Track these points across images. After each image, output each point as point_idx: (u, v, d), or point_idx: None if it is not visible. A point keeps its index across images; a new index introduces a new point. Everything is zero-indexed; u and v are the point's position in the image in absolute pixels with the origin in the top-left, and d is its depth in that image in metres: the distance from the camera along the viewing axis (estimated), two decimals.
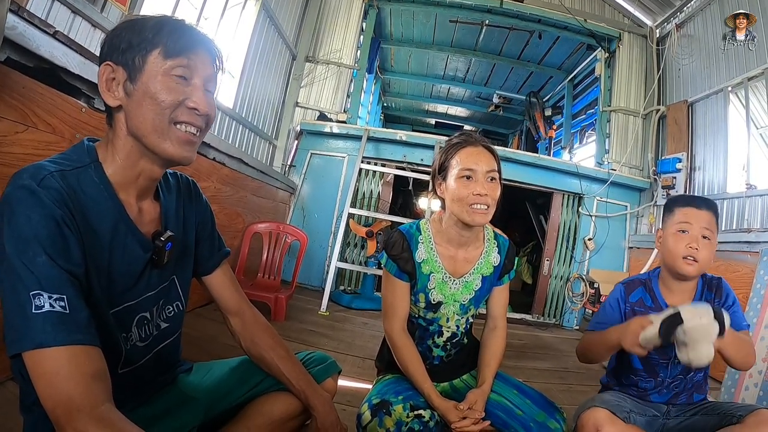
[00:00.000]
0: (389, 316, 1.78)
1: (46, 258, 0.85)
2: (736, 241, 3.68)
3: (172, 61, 1.00)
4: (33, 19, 1.55)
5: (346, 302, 4.67)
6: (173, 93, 1.00)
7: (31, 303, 0.82)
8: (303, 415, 1.39)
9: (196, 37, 1.05)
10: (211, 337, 2.75)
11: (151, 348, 1.17)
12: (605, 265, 5.48)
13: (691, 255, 1.66)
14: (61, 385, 0.81)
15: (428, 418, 1.59)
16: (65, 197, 0.91)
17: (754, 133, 4.37)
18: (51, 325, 0.82)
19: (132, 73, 1.00)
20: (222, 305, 1.40)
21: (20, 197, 0.86)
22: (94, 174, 1.00)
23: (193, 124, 1.05)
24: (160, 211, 1.18)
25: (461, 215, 1.67)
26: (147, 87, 0.99)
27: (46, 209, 0.87)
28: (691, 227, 1.68)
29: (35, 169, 0.91)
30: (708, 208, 1.69)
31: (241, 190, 3.91)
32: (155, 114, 0.99)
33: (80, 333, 0.85)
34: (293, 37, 5.62)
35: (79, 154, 1.01)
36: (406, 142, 5.44)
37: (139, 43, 0.99)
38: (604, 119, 6.08)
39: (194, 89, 1.04)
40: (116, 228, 1.02)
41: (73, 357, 0.83)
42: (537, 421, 1.66)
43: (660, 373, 1.80)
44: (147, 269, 1.11)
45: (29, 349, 0.81)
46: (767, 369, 2.68)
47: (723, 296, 1.75)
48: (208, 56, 1.07)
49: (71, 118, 1.81)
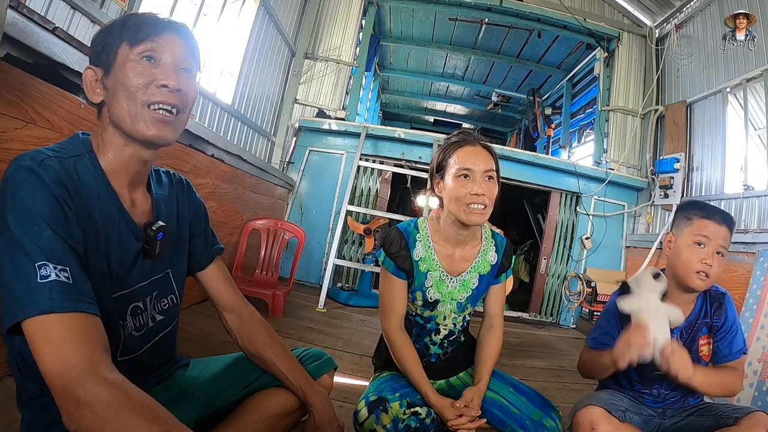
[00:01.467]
0: (387, 313, 1.78)
1: (51, 232, 0.87)
2: (733, 241, 3.67)
3: (137, 47, 1.05)
4: (32, 15, 1.55)
5: (343, 299, 4.68)
6: (141, 75, 1.04)
7: (36, 273, 0.83)
8: (300, 411, 1.39)
9: (159, 22, 1.09)
10: (207, 333, 2.75)
11: (148, 339, 1.19)
12: (602, 264, 5.50)
13: (705, 271, 1.62)
14: (73, 348, 0.81)
15: (425, 415, 1.60)
16: (63, 179, 0.94)
17: (752, 134, 4.38)
18: (58, 293, 0.83)
19: (107, 68, 1.06)
20: (217, 301, 1.41)
21: (23, 177, 0.89)
22: (89, 163, 1.04)
23: (167, 103, 1.06)
24: (151, 203, 1.21)
25: (458, 214, 1.68)
26: (118, 76, 1.04)
27: (47, 188, 0.90)
28: (708, 242, 1.64)
29: (34, 153, 0.94)
30: (726, 223, 1.66)
31: (240, 186, 3.91)
32: (127, 99, 1.04)
33: (85, 302, 0.87)
34: (292, 34, 5.60)
35: (75, 145, 1.05)
36: (404, 139, 5.45)
37: (110, 41, 1.06)
38: (603, 118, 6.09)
39: (164, 68, 1.07)
40: (111, 215, 1.05)
41: (82, 323, 0.85)
42: (533, 419, 1.67)
43: (654, 385, 1.79)
44: (139, 259, 1.14)
45: (35, 314, 0.82)
46: (762, 369, 2.69)
47: (722, 317, 1.72)
48: (175, 36, 1.10)
49: (70, 114, 1.81)
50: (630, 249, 5.52)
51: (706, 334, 1.73)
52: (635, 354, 1.52)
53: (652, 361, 1.59)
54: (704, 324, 1.72)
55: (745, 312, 3.01)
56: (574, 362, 2.27)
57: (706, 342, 1.73)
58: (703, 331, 1.73)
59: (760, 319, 2.90)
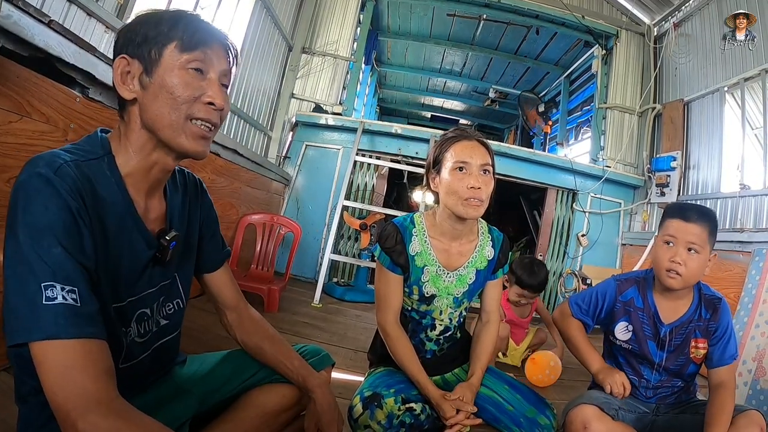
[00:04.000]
0: (383, 308, 1.79)
1: (61, 249, 0.84)
2: (729, 240, 3.70)
3: (189, 54, 1.00)
4: (28, 8, 1.53)
5: (339, 294, 4.67)
6: (189, 88, 1.00)
7: (42, 294, 0.80)
8: (297, 407, 1.40)
9: (212, 32, 1.06)
10: (204, 327, 2.75)
11: (150, 344, 1.17)
12: (598, 261, 5.51)
13: (673, 269, 1.66)
14: (75, 378, 0.80)
15: (419, 411, 1.61)
16: (80, 187, 0.90)
17: (749, 133, 4.39)
18: (63, 317, 0.81)
19: (148, 66, 1.00)
20: (220, 302, 1.41)
21: (37, 186, 0.86)
22: (107, 167, 1.00)
23: (209, 121, 1.05)
24: (165, 209, 1.18)
25: (455, 208, 1.68)
26: (163, 80, 0.99)
27: (62, 199, 0.86)
28: (675, 240, 1.67)
29: (51, 157, 0.90)
30: (698, 220, 1.66)
31: (236, 181, 3.89)
32: (171, 108, 0.99)
33: (91, 326, 0.85)
34: (290, 28, 5.58)
35: (93, 145, 1.01)
36: (401, 135, 5.44)
37: (155, 36, 1.00)
38: (600, 116, 6.09)
39: (210, 83, 1.04)
40: (124, 222, 1.02)
41: (86, 350, 0.83)
42: (527, 416, 1.68)
43: (644, 374, 1.82)
44: (149, 266, 1.11)
45: (39, 339, 0.80)
46: (757, 368, 2.71)
47: (717, 321, 1.74)
48: (222, 51, 1.08)
49: (66, 108, 1.80)
50: (626, 246, 5.53)
51: (701, 337, 1.74)
52: (616, 390, 1.73)
53: (639, 350, 1.77)
54: (698, 327, 1.74)
55: (740, 311, 3.03)
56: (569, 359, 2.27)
57: (703, 346, 1.75)
58: (697, 334, 1.74)
59: (755, 317, 2.92)
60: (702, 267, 1.67)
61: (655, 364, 1.78)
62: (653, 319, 1.78)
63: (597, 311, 1.89)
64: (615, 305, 1.85)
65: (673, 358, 1.76)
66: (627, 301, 1.84)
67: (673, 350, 1.76)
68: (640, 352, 1.80)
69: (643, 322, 1.80)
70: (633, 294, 1.84)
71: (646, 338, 1.79)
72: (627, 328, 1.82)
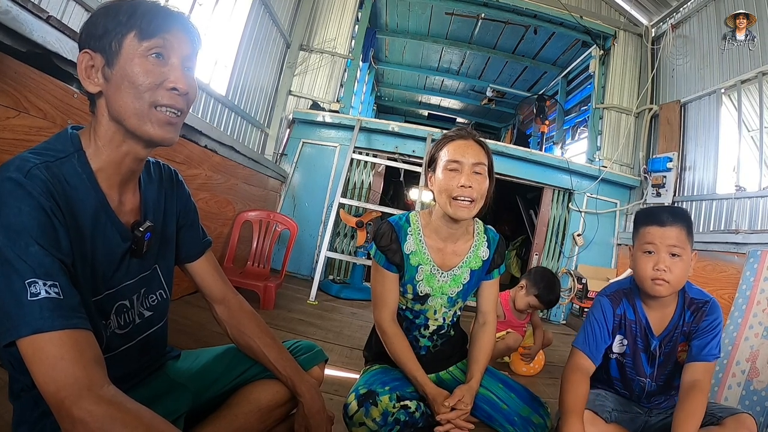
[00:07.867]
0: (379, 306, 1.79)
1: (38, 248, 0.85)
2: (724, 241, 3.72)
3: (148, 42, 1.00)
4: (26, 3, 1.53)
5: (334, 292, 4.68)
6: (150, 75, 1.00)
7: (27, 291, 0.82)
8: (290, 402, 1.40)
9: (171, 17, 1.05)
10: (198, 324, 2.75)
11: (132, 336, 1.18)
12: (593, 261, 5.53)
13: (659, 277, 1.59)
14: (65, 368, 0.82)
15: (414, 408, 1.62)
16: (51, 188, 0.91)
17: (746, 135, 4.41)
18: (48, 310, 0.83)
19: (109, 58, 1.00)
20: (206, 293, 1.41)
21: (8, 189, 0.87)
22: (77, 163, 1.00)
23: (174, 107, 1.05)
24: (140, 201, 1.18)
25: (445, 207, 1.69)
26: (124, 71, 0.99)
27: (34, 200, 0.87)
28: (656, 248, 1.62)
29: (20, 162, 0.91)
30: (674, 223, 1.61)
31: (232, 177, 3.89)
32: (134, 97, 1.00)
33: (76, 317, 0.87)
34: (288, 25, 5.57)
35: (62, 143, 1.01)
36: (398, 133, 5.43)
37: (114, 28, 1.00)
38: (597, 116, 6.11)
39: (172, 68, 1.04)
40: (97, 217, 1.03)
41: (73, 340, 0.84)
42: (521, 415, 1.69)
43: (636, 390, 1.81)
44: (126, 258, 1.12)
45: (27, 335, 0.82)
46: (750, 369, 2.72)
47: (699, 323, 1.67)
48: (184, 35, 1.07)
49: (63, 103, 1.80)
50: (621, 246, 5.54)
51: (685, 341, 1.71)
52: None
53: (633, 363, 1.73)
54: (683, 332, 1.70)
55: (734, 312, 3.04)
56: (563, 358, 2.28)
57: (683, 349, 1.72)
58: (682, 339, 1.71)
59: (748, 318, 2.93)
60: (687, 269, 1.62)
61: (647, 376, 1.77)
62: (644, 331, 1.74)
63: (603, 339, 1.77)
64: (614, 320, 1.78)
65: (663, 369, 1.74)
66: (621, 314, 1.78)
67: (663, 360, 1.74)
68: (633, 365, 1.77)
69: (636, 335, 1.75)
70: (624, 307, 1.78)
71: (639, 351, 1.75)
72: (622, 342, 1.78)
